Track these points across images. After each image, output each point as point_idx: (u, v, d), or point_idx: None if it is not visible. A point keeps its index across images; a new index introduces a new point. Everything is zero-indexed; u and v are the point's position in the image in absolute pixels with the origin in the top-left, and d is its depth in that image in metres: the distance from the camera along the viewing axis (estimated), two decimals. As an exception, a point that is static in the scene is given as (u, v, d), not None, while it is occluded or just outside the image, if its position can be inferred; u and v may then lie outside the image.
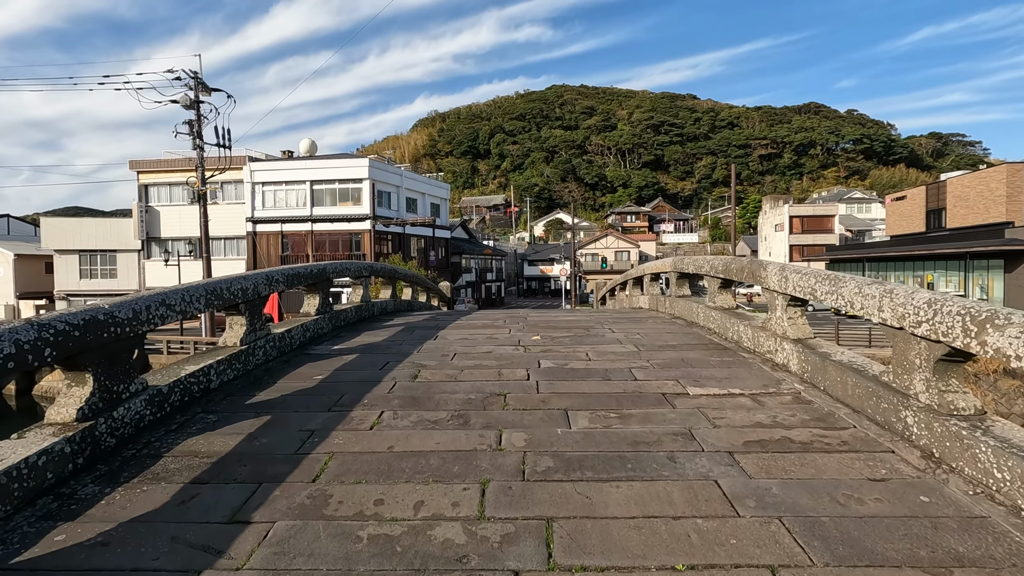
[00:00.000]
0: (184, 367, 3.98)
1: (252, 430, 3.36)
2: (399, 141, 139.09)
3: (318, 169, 35.67)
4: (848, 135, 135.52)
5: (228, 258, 37.03)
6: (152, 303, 3.53)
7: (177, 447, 3.11)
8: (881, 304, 3.28)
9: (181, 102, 22.65)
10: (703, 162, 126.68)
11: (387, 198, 37.57)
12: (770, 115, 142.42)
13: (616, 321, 7.63)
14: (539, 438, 3.17)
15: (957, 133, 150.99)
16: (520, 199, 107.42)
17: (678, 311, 7.69)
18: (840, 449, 2.99)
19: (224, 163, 24.00)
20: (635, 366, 4.73)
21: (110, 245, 37.16)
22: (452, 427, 3.36)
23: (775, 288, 4.71)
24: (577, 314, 8.69)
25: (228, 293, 4.44)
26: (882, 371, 3.43)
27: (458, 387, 4.17)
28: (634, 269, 11.57)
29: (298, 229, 35.75)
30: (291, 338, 5.55)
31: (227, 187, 36.99)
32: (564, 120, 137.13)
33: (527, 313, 9.15)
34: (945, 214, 35.85)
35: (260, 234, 35.93)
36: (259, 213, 35.91)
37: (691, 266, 7.64)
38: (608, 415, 3.53)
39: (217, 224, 35.80)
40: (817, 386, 3.98)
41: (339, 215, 35.13)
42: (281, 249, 35.81)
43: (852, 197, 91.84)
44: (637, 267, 11.27)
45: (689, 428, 3.30)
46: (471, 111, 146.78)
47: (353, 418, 3.55)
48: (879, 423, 3.27)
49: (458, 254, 48.48)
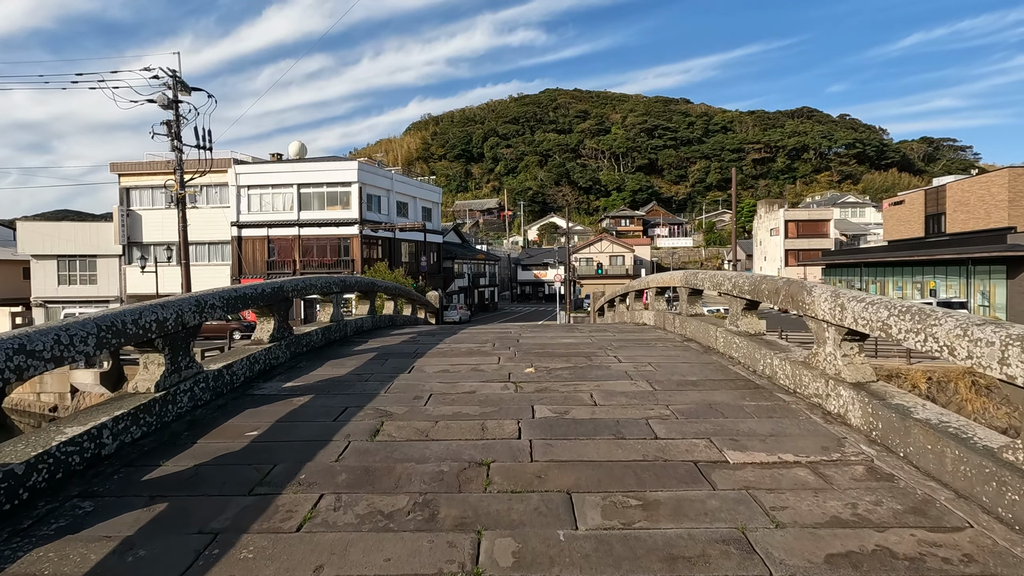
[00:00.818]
0: (64, 428, 3.01)
1: (132, 532, 2.40)
2: (392, 144, 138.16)
3: (306, 172, 34.65)
4: (841, 139, 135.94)
5: (212, 263, 35.92)
6: (4, 350, 2.57)
7: (5, 571, 2.15)
8: (1006, 354, 2.38)
9: (158, 102, 21.60)
10: (697, 166, 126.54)
11: (377, 202, 36.59)
12: (763, 119, 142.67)
13: (622, 345, 6.72)
14: (533, 550, 2.23)
15: (948, 138, 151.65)
16: (513, 203, 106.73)
17: (691, 332, 6.79)
18: (969, 574, 2.07)
19: (204, 166, 22.93)
20: (653, 415, 3.80)
21: (90, 250, 35.92)
22: (412, 526, 2.42)
23: (826, 318, 3.81)
24: (576, 334, 7.77)
25: (135, 327, 3.47)
26: (1003, 445, 2.52)
27: (428, 451, 3.23)
28: (637, 281, 10.69)
29: (285, 234, 34.69)
30: (232, 375, 4.59)
31: (211, 191, 35.89)
32: (558, 124, 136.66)
33: (520, 332, 8.22)
34: (945, 219, 35.28)
35: (245, 239, 34.84)
36: (244, 217, 34.82)
37: (707, 282, 6.74)
38: (627, 502, 2.60)
39: (201, 229, 34.72)
40: (894, 451, 3.07)
41: (327, 219, 34.12)
42: (267, 254, 34.73)
43: (846, 201, 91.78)
44: (641, 279, 10.38)
45: (742, 528, 2.37)
46: (464, 114, 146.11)
47: (279, 507, 2.59)
48: (1006, 522, 2.35)
49: (450, 259, 47.52)
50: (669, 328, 7.66)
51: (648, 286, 9.58)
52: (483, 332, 8.28)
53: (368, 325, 8.45)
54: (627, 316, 11.05)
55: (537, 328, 9.31)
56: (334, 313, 7.40)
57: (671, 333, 7.41)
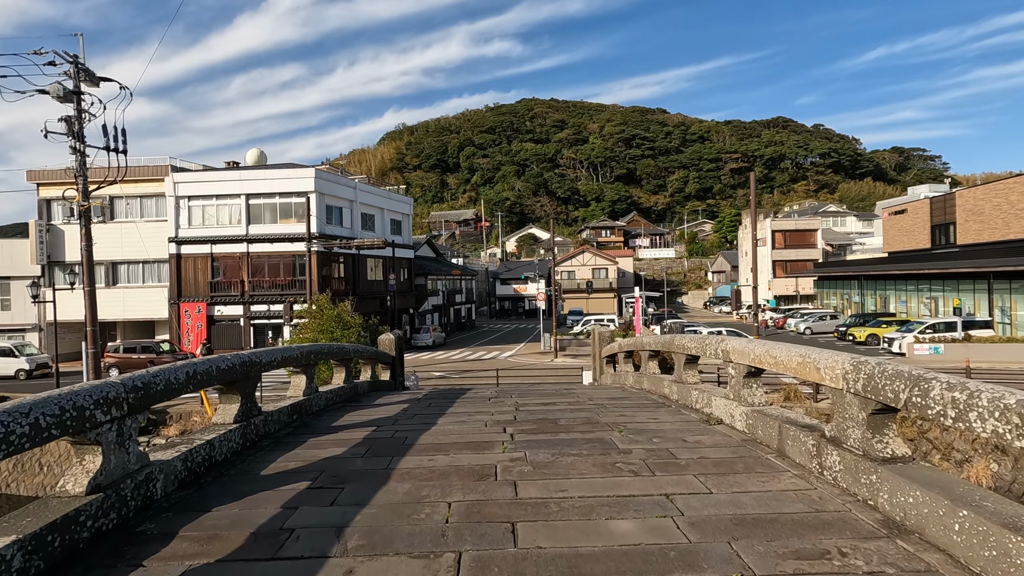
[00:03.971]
0: None
1: None
2: (365, 155, 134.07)
3: (255, 181, 30.61)
4: (816, 149, 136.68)
5: (147, 285, 31.52)
6: None
7: None
8: None
9: (52, 93, 17.54)
10: (675, 176, 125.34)
11: (338, 214, 32.69)
12: (740, 129, 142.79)
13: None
14: None
15: (918, 148, 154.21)
16: (491, 214, 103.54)
17: (793, 449, 3.27)
18: None
19: (116, 174, 18.76)
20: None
21: (2, 271, 31.17)
22: None
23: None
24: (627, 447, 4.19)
25: None
26: None
27: None
28: (656, 339, 7.31)
29: (232, 251, 30.52)
30: None
31: (146, 202, 31.59)
32: (535, 133, 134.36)
33: (515, 410, 4.56)
34: (955, 229, 32.92)
35: (185, 257, 30.55)
36: (184, 232, 30.57)
37: (792, 359, 3.30)
38: None
39: (134, 245, 30.41)
40: None
41: (280, 234, 30.09)
42: (211, 274, 30.49)
43: (827, 211, 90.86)
44: (663, 337, 7.00)
45: None
46: (440, 124, 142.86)
47: None
48: None
49: (423, 275, 43.71)
50: (749, 431, 4.16)
51: (674, 351, 6.22)
52: (458, 421, 4.63)
53: (284, 418, 4.72)
54: (646, 384, 7.62)
55: (540, 398, 5.74)
56: (240, 409, 3.77)
57: (767, 445, 3.90)
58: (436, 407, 6.59)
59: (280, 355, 5.50)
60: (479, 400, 7.18)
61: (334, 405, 6.83)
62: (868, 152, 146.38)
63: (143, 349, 26.07)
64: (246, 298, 30.23)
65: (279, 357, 5.46)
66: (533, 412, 6.04)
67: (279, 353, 5.48)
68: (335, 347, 7.35)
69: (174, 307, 30.43)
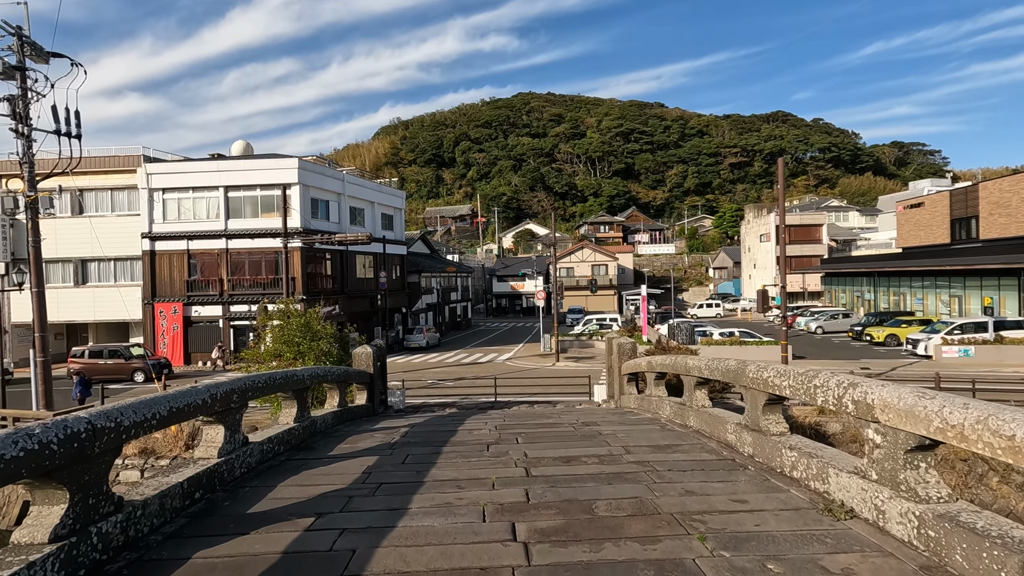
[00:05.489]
0: None
1: None
2: (360, 149, 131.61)
3: (235, 172, 28.54)
4: (816, 143, 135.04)
5: (120, 284, 29.43)
6: None
7: None
8: None
9: (-10, 67, 15.49)
10: (674, 171, 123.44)
11: (325, 208, 30.67)
12: (739, 123, 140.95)
13: None
14: None
15: (918, 142, 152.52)
16: (487, 209, 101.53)
17: None
18: None
19: (66, 165, 16.68)
20: None
21: (-38, 269, 29.00)
22: None
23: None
24: None
25: None
26: None
27: None
28: (714, 365, 5.37)
29: (210, 247, 28.48)
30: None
31: (117, 195, 29.48)
32: (532, 128, 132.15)
33: None
34: (977, 222, 31.15)
35: (160, 253, 28.50)
36: (159, 227, 28.50)
37: None
38: None
39: (104, 241, 28.25)
40: None
41: (261, 229, 28.06)
42: (187, 272, 28.45)
43: (830, 206, 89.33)
44: (729, 366, 5.02)
45: None
46: (435, 118, 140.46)
47: None
48: None
49: (417, 272, 41.72)
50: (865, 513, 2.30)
51: (745, 384, 4.26)
52: None
53: (226, 473, 2.81)
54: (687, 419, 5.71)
55: (556, 446, 3.80)
56: None
57: None
58: (413, 466, 4.69)
59: (165, 407, 3.56)
60: (474, 450, 5.28)
61: (271, 460, 4.91)
62: (868, 147, 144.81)
63: (111, 354, 24.02)
64: (225, 298, 28.21)
65: (162, 412, 3.52)
66: (552, 481, 4.15)
67: (163, 405, 3.54)
68: (277, 377, 5.43)
69: (148, 307, 28.39)
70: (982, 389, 14.75)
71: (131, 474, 12.55)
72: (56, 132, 16.81)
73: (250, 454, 4.68)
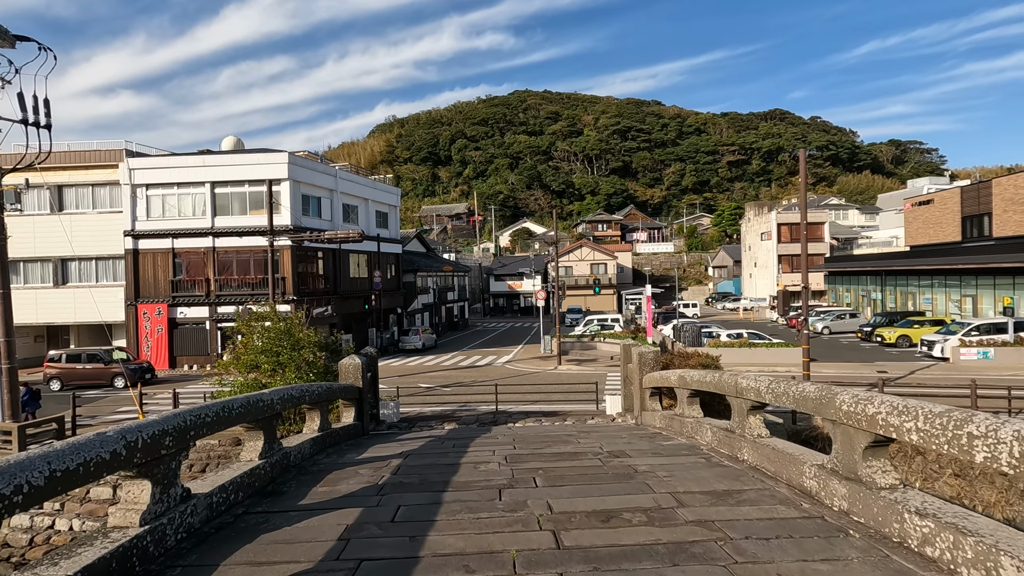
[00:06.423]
0: None
1: None
2: (355, 148, 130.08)
3: (222, 167, 27.33)
4: (814, 142, 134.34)
5: (102, 284, 28.17)
6: None
7: None
8: None
9: (-52, 50, 14.25)
10: (672, 169, 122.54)
11: (316, 205, 29.49)
12: (736, 121, 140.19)
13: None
14: None
15: (915, 141, 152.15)
16: (484, 207, 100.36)
17: None
18: None
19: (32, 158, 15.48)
20: None
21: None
22: None
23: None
24: None
25: None
26: None
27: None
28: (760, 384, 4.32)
29: (196, 245, 27.27)
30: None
31: (99, 191, 28.21)
32: (528, 125, 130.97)
33: None
34: (991, 220, 30.24)
35: (144, 252, 27.27)
36: (142, 225, 27.27)
37: None
38: None
39: (85, 239, 27.05)
40: None
41: (250, 227, 26.86)
42: (172, 272, 27.23)
43: (829, 204, 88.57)
44: (810, 390, 4.17)
45: None
46: (431, 116, 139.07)
47: None
48: None
49: (412, 271, 40.57)
50: None
51: (837, 420, 3.16)
52: None
53: None
54: (749, 455, 4.64)
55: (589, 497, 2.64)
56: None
57: None
58: (405, 528, 3.59)
59: (40, 472, 2.45)
60: (483, 498, 4.19)
61: (224, 516, 3.81)
62: (866, 145, 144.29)
63: (89, 358, 22.78)
64: (212, 298, 27.01)
65: (34, 481, 2.41)
66: (594, 559, 3.11)
67: (36, 469, 2.42)
68: (235, 406, 4.32)
69: (131, 309, 27.16)
70: (1018, 397, 13.76)
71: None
72: (23, 121, 15.53)
73: (192, 512, 3.57)
